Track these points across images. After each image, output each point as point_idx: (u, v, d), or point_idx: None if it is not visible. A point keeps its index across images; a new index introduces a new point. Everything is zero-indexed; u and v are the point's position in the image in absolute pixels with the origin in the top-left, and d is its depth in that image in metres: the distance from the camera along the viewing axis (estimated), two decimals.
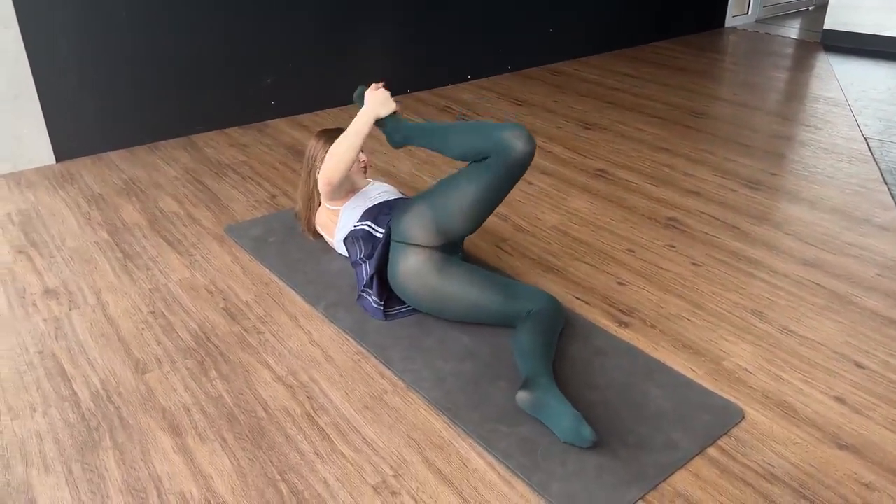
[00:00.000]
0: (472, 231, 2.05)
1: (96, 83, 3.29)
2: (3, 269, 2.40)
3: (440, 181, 2.04)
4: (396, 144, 2.18)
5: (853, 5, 5.62)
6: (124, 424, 1.71)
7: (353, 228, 2.21)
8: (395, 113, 2.18)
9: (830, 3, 5.71)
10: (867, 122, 3.83)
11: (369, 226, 2.15)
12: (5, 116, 3.11)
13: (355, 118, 2.14)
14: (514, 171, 1.93)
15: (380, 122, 2.17)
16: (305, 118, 3.90)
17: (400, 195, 2.33)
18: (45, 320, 2.13)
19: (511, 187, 1.99)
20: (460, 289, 1.98)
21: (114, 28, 3.26)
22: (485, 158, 1.94)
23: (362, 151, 2.41)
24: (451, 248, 2.04)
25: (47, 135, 3.23)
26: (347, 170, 2.14)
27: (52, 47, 3.13)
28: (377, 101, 2.15)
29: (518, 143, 1.89)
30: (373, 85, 2.19)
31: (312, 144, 2.38)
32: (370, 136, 3.62)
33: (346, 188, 2.31)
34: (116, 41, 3.28)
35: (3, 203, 2.89)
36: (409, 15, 4.20)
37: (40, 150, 3.24)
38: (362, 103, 2.19)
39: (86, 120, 3.32)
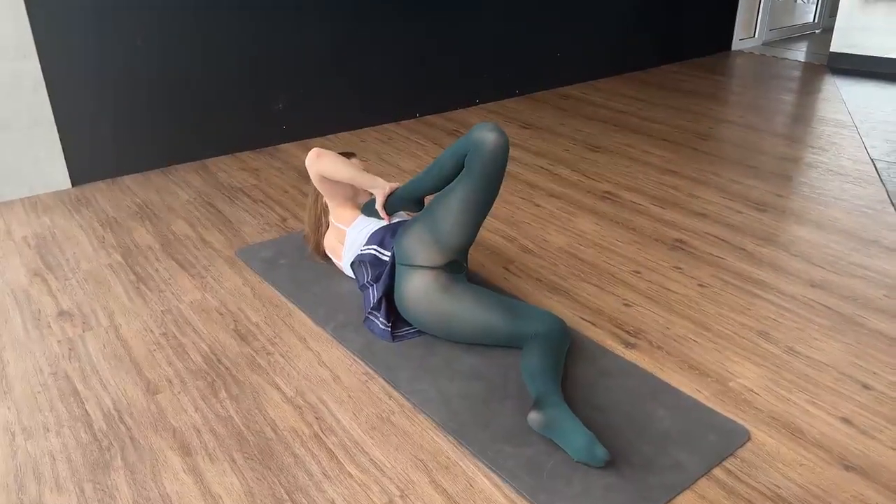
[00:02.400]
0: (471, 240, 2.06)
1: (112, 109, 3.37)
2: (19, 291, 2.45)
3: (432, 200, 2.08)
4: (415, 209, 2.23)
5: (859, 28, 5.65)
6: (135, 444, 1.74)
7: (360, 252, 2.24)
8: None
9: (837, 25, 5.75)
10: (874, 143, 3.84)
11: (376, 250, 2.19)
12: (23, 143, 3.18)
13: (366, 177, 2.23)
14: (493, 166, 1.94)
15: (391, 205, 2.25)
16: (316, 142, 3.96)
17: (405, 217, 2.37)
18: (59, 342, 2.16)
19: (496, 185, 1.99)
20: (467, 310, 2.00)
21: (129, 56, 3.34)
22: (464, 165, 1.98)
23: (357, 158, 2.52)
24: (456, 268, 2.07)
25: (63, 160, 3.30)
26: (330, 176, 2.25)
27: (70, 76, 3.21)
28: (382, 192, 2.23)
29: (488, 136, 1.92)
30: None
31: None
32: (377, 157, 3.66)
33: (347, 195, 2.38)
34: (131, 69, 3.36)
35: (20, 226, 2.95)
36: (419, 40, 4.27)
37: (56, 175, 3.31)
38: (370, 214, 2.30)
39: (101, 145, 3.39)
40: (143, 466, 1.67)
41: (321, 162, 2.25)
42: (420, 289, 2.01)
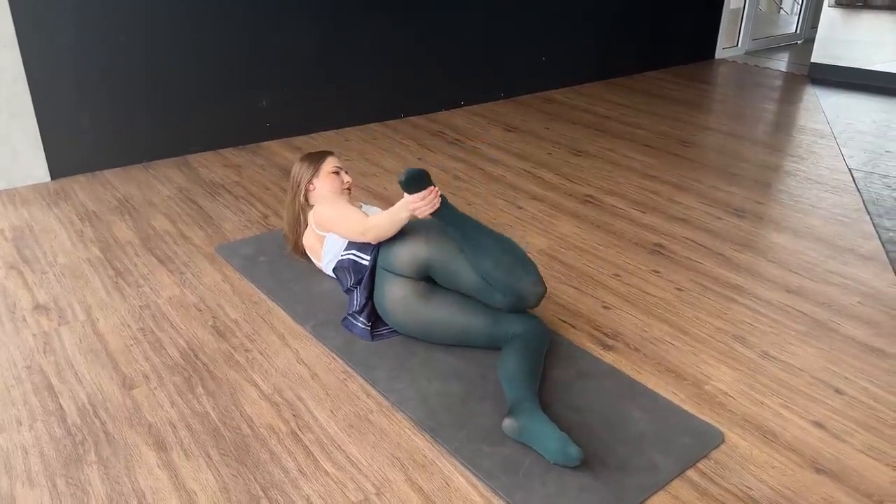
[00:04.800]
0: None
1: (93, 102, 3.34)
2: None
3: (452, 234, 1.98)
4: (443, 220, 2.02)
5: (840, 40, 5.74)
6: (110, 439, 1.72)
7: (341, 258, 2.22)
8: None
9: (818, 37, 5.83)
10: (852, 153, 3.90)
11: (354, 254, 2.17)
12: (2, 134, 3.15)
13: (395, 211, 1.98)
14: (510, 308, 2.01)
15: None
16: (299, 140, 3.95)
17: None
18: (34, 335, 2.14)
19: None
20: (447, 315, 2.01)
21: (112, 49, 3.31)
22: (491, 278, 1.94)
23: (346, 173, 2.45)
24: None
25: (43, 152, 3.26)
26: (387, 235, 2.05)
27: (51, 67, 3.18)
28: (421, 209, 1.94)
29: (530, 301, 1.96)
30: (430, 189, 1.95)
31: (297, 168, 2.42)
32: (360, 156, 3.65)
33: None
34: (114, 62, 3.33)
35: None
36: (405, 40, 4.27)
37: (35, 168, 3.27)
38: (407, 188, 1.94)
39: (81, 138, 3.36)
40: (117, 461, 1.65)
41: (375, 233, 2.06)
42: (400, 296, 2.02)
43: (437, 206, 1.95)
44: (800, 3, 7.39)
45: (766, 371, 2.02)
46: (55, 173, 3.33)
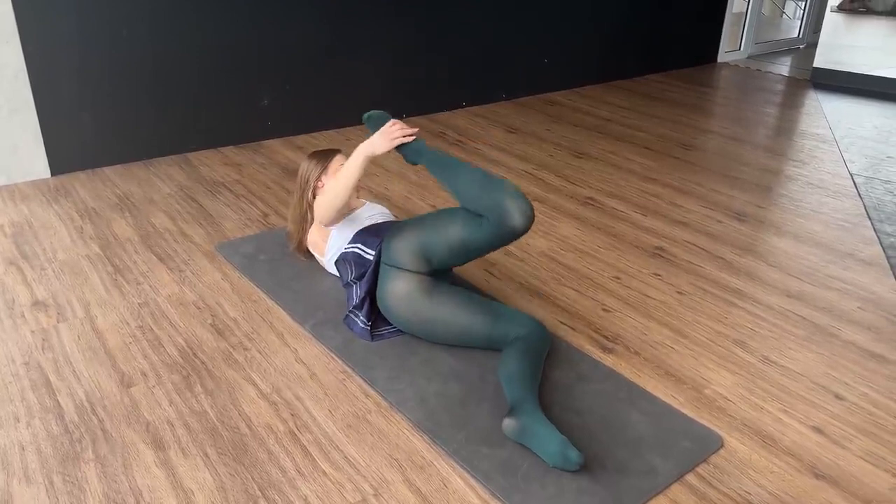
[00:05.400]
0: (460, 265, 2.07)
1: (94, 99, 3.33)
2: None
3: (436, 213, 2.05)
4: (410, 162, 2.17)
5: (842, 45, 5.74)
6: (107, 437, 1.72)
7: (344, 251, 2.23)
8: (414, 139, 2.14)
9: (820, 42, 5.83)
10: (853, 158, 3.90)
11: (360, 248, 2.18)
12: (2, 130, 3.14)
13: (353, 155, 2.12)
14: (504, 238, 1.94)
15: (399, 147, 2.14)
16: (300, 139, 3.94)
17: (392, 217, 2.36)
18: (32, 332, 2.13)
19: (497, 248, 1.99)
20: (449, 313, 2.00)
21: (114, 45, 3.30)
22: (481, 215, 1.94)
23: (341, 154, 2.46)
24: (441, 274, 2.07)
25: (44, 148, 3.26)
26: (340, 207, 2.17)
27: (53, 62, 3.17)
28: (380, 141, 2.10)
29: (516, 218, 1.87)
30: (391, 122, 2.13)
31: (305, 166, 2.42)
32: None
33: (344, 212, 2.34)
34: (116, 58, 3.33)
35: None
36: (408, 41, 4.27)
37: (36, 164, 3.26)
38: (371, 127, 2.20)
39: (82, 135, 3.35)
40: (115, 459, 1.65)
41: (322, 213, 2.21)
42: (403, 291, 2.01)
43: (411, 133, 2.10)
44: (802, 7, 7.39)
45: (765, 376, 2.02)
46: (55, 169, 3.33)
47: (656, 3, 5.57)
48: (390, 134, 2.10)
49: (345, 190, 2.14)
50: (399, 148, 2.14)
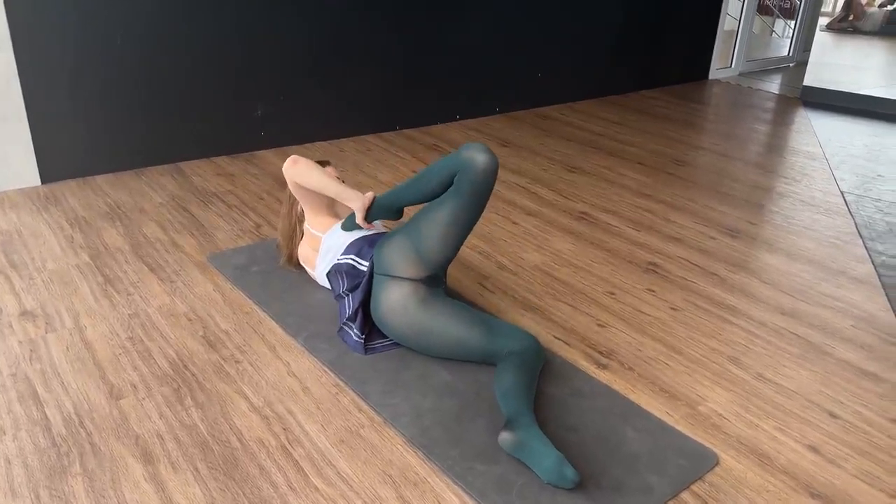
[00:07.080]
0: (453, 256, 2.06)
1: (87, 107, 3.31)
2: None
3: (416, 213, 2.06)
4: (395, 218, 2.18)
5: (832, 64, 5.80)
6: (95, 451, 1.69)
7: (337, 262, 2.22)
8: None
9: (811, 60, 5.89)
10: (844, 176, 3.93)
11: (353, 259, 2.17)
12: None
13: (342, 189, 2.16)
14: (481, 186, 1.94)
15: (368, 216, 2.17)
16: (294, 150, 3.93)
17: (383, 229, 2.35)
18: (20, 342, 2.10)
19: (482, 204, 1.99)
20: (444, 324, 1.99)
21: (107, 53, 3.29)
22: (453, 182, 1.96)
23: (332, 166, 2.47)
24: (435, 282, 2.06)
25: (34, 156, 3.23)
26: (307, 186, 2.23)
27: (45, 70, 3.15)
28: (358, 207, 2.15)
29: (479, 157, 1.91)
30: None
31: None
32: (355, 168, 3.64)
33: (324, 202, 2.36)
34: (109, 66, 3.31)
35: None
36: (401, 54, 4.27)
37: (26, 172, 3.23)
38: (350, 229, 2.23)
39: (74, 143, 3.33)
40: (103, 473, 1.62)
41: (296, 168, 2.22)
42: (398, 300, 2.00)
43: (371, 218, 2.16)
44: (792, 26, 7.47)
45: (760, 393, 2.01)
46: (46, 178, 3.29)
47: (649, 21, 5.62)
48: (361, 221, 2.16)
49: (317, 184, 2.19)
50: (373, 215, 2.15)
